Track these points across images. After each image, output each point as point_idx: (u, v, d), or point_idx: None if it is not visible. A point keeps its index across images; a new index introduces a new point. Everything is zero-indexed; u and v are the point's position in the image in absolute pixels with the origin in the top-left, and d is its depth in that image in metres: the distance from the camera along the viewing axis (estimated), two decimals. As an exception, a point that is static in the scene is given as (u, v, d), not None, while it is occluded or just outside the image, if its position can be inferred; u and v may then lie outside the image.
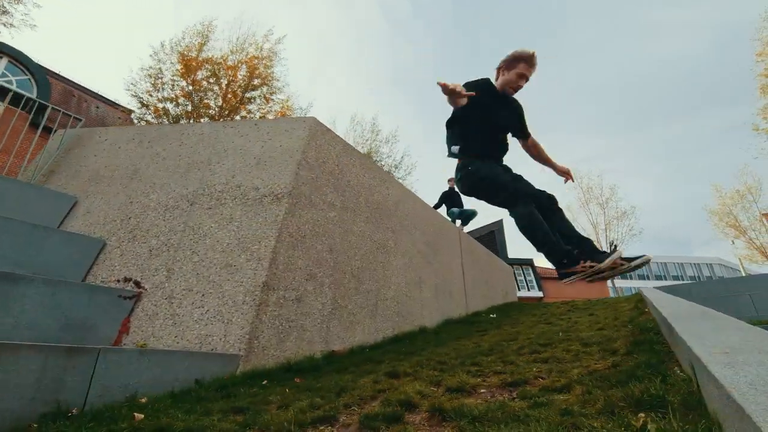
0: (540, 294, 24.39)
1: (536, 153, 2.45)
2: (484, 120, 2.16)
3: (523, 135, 2.41)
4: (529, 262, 25.56)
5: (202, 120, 9.92)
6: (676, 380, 1.04)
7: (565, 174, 2.41)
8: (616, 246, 1.70)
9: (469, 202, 7.83)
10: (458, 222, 7.39)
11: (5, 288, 2.10)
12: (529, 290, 24.75)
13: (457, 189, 7.70)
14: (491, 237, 25.58)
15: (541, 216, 1.88)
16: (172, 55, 10.11)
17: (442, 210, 7.50)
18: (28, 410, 1.55)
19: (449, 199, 7.65)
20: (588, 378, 1.33)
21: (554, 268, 1.82)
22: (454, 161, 2.31)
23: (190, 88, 9.79)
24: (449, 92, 1.76)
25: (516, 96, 2.29)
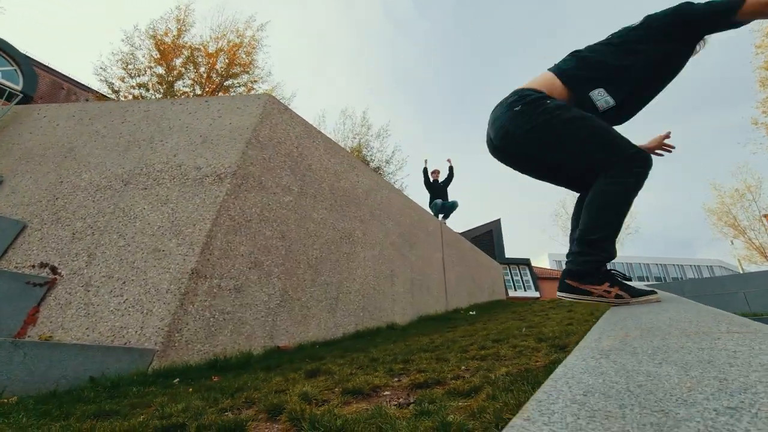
0: (537, 294, 24.07)
1: None
2: None
3: None
4: (525, 262, 25.25)
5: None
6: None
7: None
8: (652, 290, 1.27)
9: (452, 195, 7.50)
10: (440, 216, 7.09)
11: None
12: (525, 290, 24.43)
13: (442, 177, 7.30)
14: (489, 236, 25.30)
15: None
16: (147, 40, 9.81)
17: (423, 202, 7.21)
18: None
19: (432, 190, 7.35)
20: (508, 379, 1.05)
21: (571, 274, 1.29)
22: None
23: (167, 75, 9.47)
24: None
25: None
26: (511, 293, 21.66)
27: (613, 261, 1.34)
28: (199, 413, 1.18)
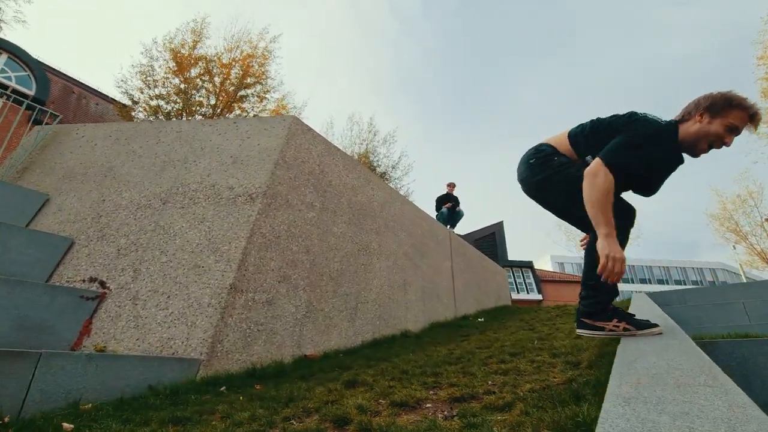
0: (539, 297, 24.24)
1: None
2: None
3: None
4: (528, 265, 25.42)
5: (195, 117, 9.91)
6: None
7: None
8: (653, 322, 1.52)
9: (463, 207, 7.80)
10: (447, 225, 7.31)
11: (-46, 287, 2.04)
12: (528, 293, 24.61)
13: (453, 197, 7.56)
14: (491, 238, 25.49)
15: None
16: (164, 52, 10.10)
17: (432, 212, 7.45)
18: (-44, 418, 1.49)
19: (444, 201, 7.61)
20: (535, 395, 1.25)
21: (584, 314, 1.54)
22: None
23: (183, 86, 9.78)
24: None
25: None
26: (514, 296, 21.84)
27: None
28: (270, 421, 1.39)
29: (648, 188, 1.72)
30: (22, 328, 2.26)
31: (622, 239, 1.51)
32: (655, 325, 1.35)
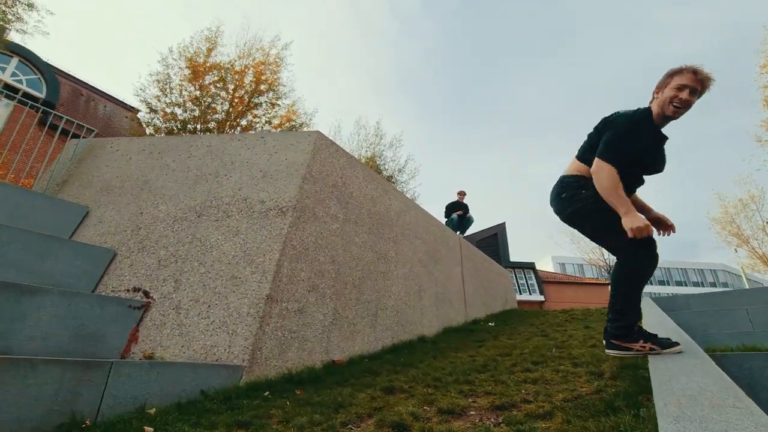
0: (541, 298, 24.39)
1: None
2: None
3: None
4: (530, 266, 25.55)
5: (209, 125, 10.10)
6: (648, 415, 1.12)
7: (668, 228, 2.07)
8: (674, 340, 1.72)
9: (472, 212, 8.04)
10: (457, 232, 7.50)
11: (24, 300, 2.21)
12: (530, 294, 24.75)
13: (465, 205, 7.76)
14: (494, 239, 25.65)
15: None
16: (180, 60, 10.32)
17: (434, 212, 7.67)
18: (46, 421, 1.66)
19: (454, 209, 7.83)
20: (571, 405, 1.41)
21: (613, 336, 1.68)
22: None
23: (198, 93, 9.98)
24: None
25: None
26: (517, 297, 21.98)
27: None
28: (331, 425, 1.56)
29: (652, 168, 1.96)
30: (78, 336, 2.43)
31: (645, 267, 1.69)
32: (676, 344, 1.53)
